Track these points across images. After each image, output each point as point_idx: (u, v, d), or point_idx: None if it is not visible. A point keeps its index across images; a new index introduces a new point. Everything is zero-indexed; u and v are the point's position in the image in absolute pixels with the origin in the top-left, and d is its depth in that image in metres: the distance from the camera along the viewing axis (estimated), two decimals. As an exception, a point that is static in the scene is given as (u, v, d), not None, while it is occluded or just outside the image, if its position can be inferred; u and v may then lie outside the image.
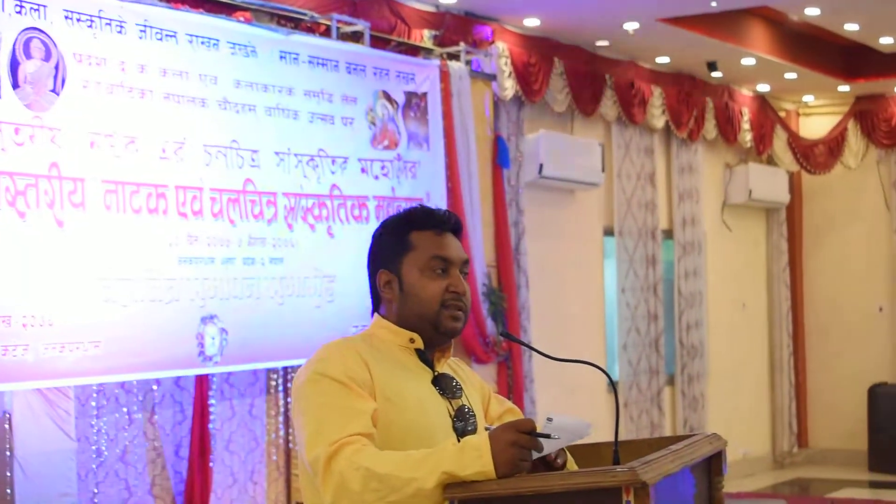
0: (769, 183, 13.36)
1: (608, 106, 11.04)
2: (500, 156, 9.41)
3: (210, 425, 7.04)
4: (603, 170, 10.74)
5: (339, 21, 8.05)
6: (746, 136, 13.03)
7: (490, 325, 9.00)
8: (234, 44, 7.13)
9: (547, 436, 2.80)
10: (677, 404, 12.16)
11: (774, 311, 13.83)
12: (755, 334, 13.66)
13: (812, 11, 10.31)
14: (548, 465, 2.99)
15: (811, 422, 14.08)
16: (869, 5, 10.37)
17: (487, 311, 9.01)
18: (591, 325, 11.12)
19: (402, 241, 3.14)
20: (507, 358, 9.26)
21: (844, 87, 13.09)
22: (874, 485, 12.71)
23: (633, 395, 11.43)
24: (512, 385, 9.28)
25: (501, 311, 9.17)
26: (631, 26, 10.14)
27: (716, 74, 11.92)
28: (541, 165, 9.99)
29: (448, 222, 3.17)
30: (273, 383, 7.60)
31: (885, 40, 11.56)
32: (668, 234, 12.28)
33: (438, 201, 8.40)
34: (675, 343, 12.23)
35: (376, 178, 8.05)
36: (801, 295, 14.11)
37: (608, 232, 11.42)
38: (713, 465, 3.32)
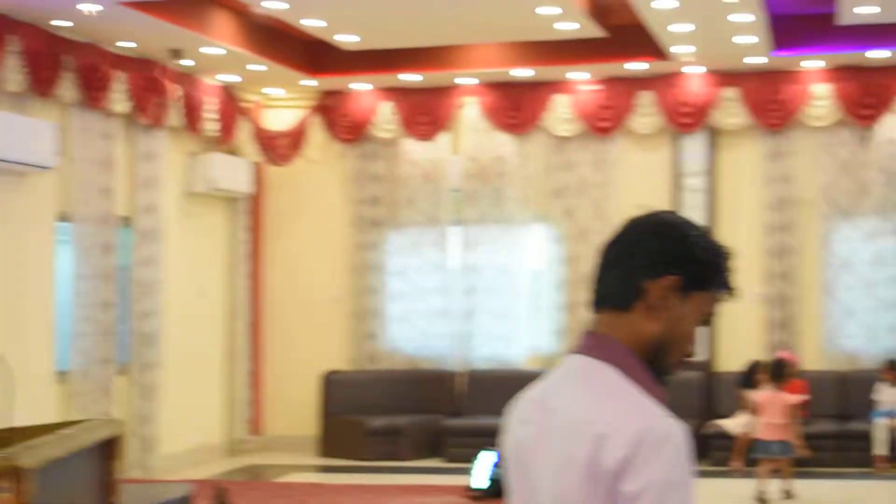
0: (232, 173, 13.48)
1: (67, 88, 10.78)
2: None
3: None
4: (59, 153, 10.47)
5: None
6: (211, 126, 13.08)
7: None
8: None
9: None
10: (131, 393, 12.04)
11: (234, 301, 13.97)
12: (214, 323, 13.74)
13: (273, 5, 10.48)
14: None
15: (267, 409, 14.33)
16: (329, 3, 10.68)
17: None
18: (41, 313, 10.80)
19: None
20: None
21: (308, 82, 13.42)
22: (322, 469, 13.14)
23: (86, 385, 11.19)
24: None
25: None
26: (89, 8, 9.91)
27: (182, 62, 11.89)
28: (-12, 146, 9.63)
29: None
30: None
31: (345, 38, 11.94)
32: (128, 221, 12.12)
33: None
34: (130, 331, 12.10)
35: None
36: (262, 285, 14.34)
37: (63, 218, 11.14)
38: (110, 450, 3.29)
